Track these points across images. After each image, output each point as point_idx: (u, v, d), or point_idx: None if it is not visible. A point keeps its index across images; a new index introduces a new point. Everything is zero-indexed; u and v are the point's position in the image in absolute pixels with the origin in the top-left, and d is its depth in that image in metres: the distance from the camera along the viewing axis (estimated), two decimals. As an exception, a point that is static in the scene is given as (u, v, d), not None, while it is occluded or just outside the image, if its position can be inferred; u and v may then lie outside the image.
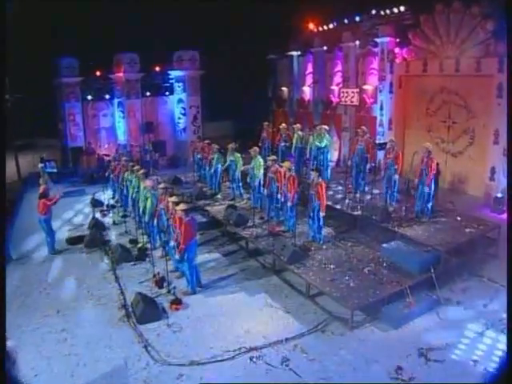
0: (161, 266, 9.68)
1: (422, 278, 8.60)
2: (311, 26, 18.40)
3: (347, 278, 8.57)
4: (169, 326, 7.92)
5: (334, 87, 18.39)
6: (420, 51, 14.71)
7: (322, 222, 9.96)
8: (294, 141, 14.56)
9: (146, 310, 8.04)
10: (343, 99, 15.55)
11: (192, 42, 18.77)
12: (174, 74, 19.63)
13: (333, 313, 8.13)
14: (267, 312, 8.30)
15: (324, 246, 10.00)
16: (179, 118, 19.95)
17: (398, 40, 15.39)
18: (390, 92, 15.76)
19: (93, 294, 9.21)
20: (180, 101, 19.70)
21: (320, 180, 9.81)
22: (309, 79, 19.77)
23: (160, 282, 9.25)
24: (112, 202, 15.09)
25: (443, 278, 8.80)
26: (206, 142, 15.39)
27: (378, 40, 15.77)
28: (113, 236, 12.44)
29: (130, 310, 8.39)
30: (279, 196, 10.88)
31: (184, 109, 19.67)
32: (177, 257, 8.81)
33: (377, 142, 14.14)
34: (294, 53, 19.86)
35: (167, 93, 19.98)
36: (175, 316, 8.24)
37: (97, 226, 12.80)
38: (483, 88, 13.14)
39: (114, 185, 15.06)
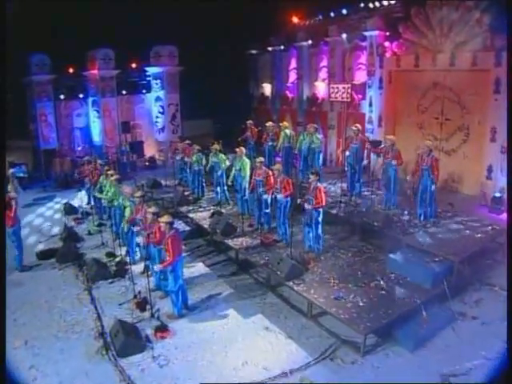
0: (142, 283, 8.52)
1: (435, 292, 7.67)
2: (295, 19, 17.29)
3: (354, 295, 7.54)
4: (154, 359, 6.74)
5: (319, 83, 17.35)
6: (411, 45, 13.76)
7: (320, 231, 8.91)
8: (281, 140, 13.48)
9: (128, 341, 6.80)
10: (333, 95, 14.52)
11: (169, 36, 17.36)
12: (151, 70, 18.21)
13: (341, 336, 7.09)
14: (266, 337, 7.19)
15: (322, 257, 8.97)
16: (157, 117, 18.55)
17: (387, 33, 14.42)
18: (380, 88, 14.80)
19: (66, 319, 7.91)
20: (158, 99, 18.31)
21: (319, 184, 8.76)
22: (292, 75, 18.67)
23: (142, 304, 8.02)
24: (87, 208, 13.75)
25: (454, 288, 7.89)
26: (187, 142, 14.18)
27: (366, 34, 14.76)
28: (88, 249, 11.06)
29: (109, 339, 7.17)
30: (267, 199, 9.83)
31: (162, 107, 18.28)
32: (160, 275, 7.62)
33: (370, 139, 13.14)
34: (277, 48, 18.73)
35: (144, 91, 18.54)
36: (161, 346, 7.04)
37: (70, 238, 11.45)
38: (479, 83, 12.27)
39: (89, 190, 13.74)
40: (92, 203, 13.23)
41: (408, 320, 7.07)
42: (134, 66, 18.22)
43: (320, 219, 8.74)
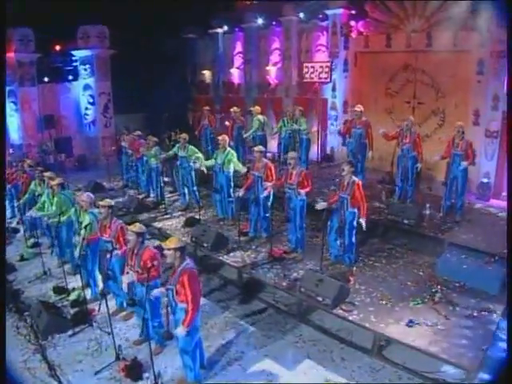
0: (117, 330, 5.99)
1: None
2: (241, -2, 14.85)
3: (423, 316, 5.60)
4: None
5: (271, 67, 15.17)
6: (380, 25, 12.14)
7: (354, 238, 6.81)
8: (255, 127, 11.14)
9: None
10: (307, 75, 12.39)
11: (98, 14, 14.00)
12: (78, 54, 14.51)
13: (426, 374, 5.09)
14: (334, 395, 4.97)
15: (354, 269, 6.91)
16: (87, 109, 14.97)
17: (352, 12, 12.63)
18: (345, 70, 12.97)
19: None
20: (87, 87, 14.73)
21: (356, 179, 6.65)
22: (238, 60, 16.23)
23: (134, 369, 5.28)
24: (14, 223, 10.28)
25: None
26: (136, 133, 11.23)
27: (328, 12, 12.84)
28: (25, 281, 7.77)
29: None
30: (268, 200, 7.54)
31: (92, 97, 14.74)
32: (179, 332, 4.82)
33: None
34: (219, 30, 16.13)
35: (70, 77, 14.85)
36: None
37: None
38: (458, 64, 10.96)
39: (13, 200, 10.31)
40: (18, 217, 9.85)
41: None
42: (57, 48, 14.42)
43: (355, 223, 6.64)
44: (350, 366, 5.37)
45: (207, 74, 17.38)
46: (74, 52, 14.45)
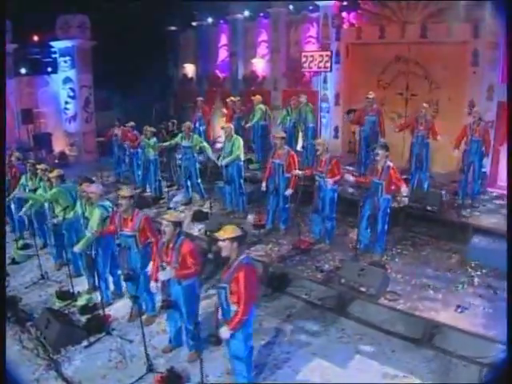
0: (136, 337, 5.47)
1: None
2: (227, -11, 14.25)
3: (468, 302, 5.41)
4: None
5: (258, 60, 14.71)
6: (372, 16, 11.96)
7: (386, 226, 6.49)
8: (257, 117, 10.65)
9: None
10: (306, 65, 11.99)
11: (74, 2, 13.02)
12: (58, 45, 13.43)
13: (479, 359, 4.83)
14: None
15: (384, 258, 6.61)
16: (67, 103, 13.90)
17: (344, 3, 12.36)
18: (336, 62, 12.67)
19: None
20: (67, 80, 13.66)
21: (391, 163, 6.32)
22: (223, 52, 15.67)
23: (172, 381, 4.65)
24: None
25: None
26: (130, 124, 10.50)
27: (319, 3, 12.53)
28: (21, 288, 6.93)
29: None
30: (288, 192, 7.12)
31: (73, 90, 13.69)
32: (222, 334, 4.24)
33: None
34: (204, 22, 15.50)
35: (49, 70, 13.73)
36: None
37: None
38: (452, 56, 10.92)
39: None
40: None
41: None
42: (36, 39, 13.32)
43: (389, 210, 6.33)
44: (403, 358, 5.08)
45: (190, 67, 16.68)
46: (53, 43, 13.38)
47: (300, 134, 10.91)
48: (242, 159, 8.20)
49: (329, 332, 5.58)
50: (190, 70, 16.76)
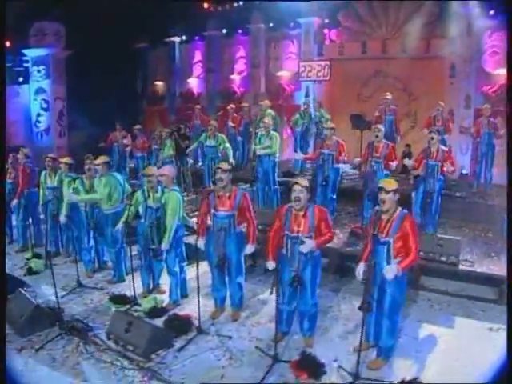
0: (241, 334, 5.19)
1: None
2: (205, 5, 14.46)
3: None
4: None
5: (235, 76, 14.96)
6: (352, 33, 12.90)
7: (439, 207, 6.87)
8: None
9: None
10: (303, 74, 12.34)
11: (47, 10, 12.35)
12: (30, 53, 12.49)
13: None
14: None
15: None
16: (39, 115, 12.78)
17: (326, 21, 13.18)
18: (318, 77, 13.40)
19: None
20: (40, 91, 12.61)
21: (442, 146, 6.76)
22: (197, 69, 15.68)
23: (312, 365, 4.28)
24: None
25: None
26: (137, 127, 10.23)
27: (301, 20, 13.22)
28: (54, 298, 5.75)
29: None
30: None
31: (46, 102, 12.74)
32: (389, 272, 4.09)
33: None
34: (177, 38, 15.48)
35: (20, 79, 12.68)
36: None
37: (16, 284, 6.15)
38: (429, 70, 12.07)
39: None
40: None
41: None
42: (7, 45, 12.26)
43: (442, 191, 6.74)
44: (495, 316, 5.29)
45: (160, 84, 16.43)
46: (25, 51, 12.47)
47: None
48: (277, 155, 8.17)
49: (418, 303, 5.69)
50: (160, 87, 16.48)
